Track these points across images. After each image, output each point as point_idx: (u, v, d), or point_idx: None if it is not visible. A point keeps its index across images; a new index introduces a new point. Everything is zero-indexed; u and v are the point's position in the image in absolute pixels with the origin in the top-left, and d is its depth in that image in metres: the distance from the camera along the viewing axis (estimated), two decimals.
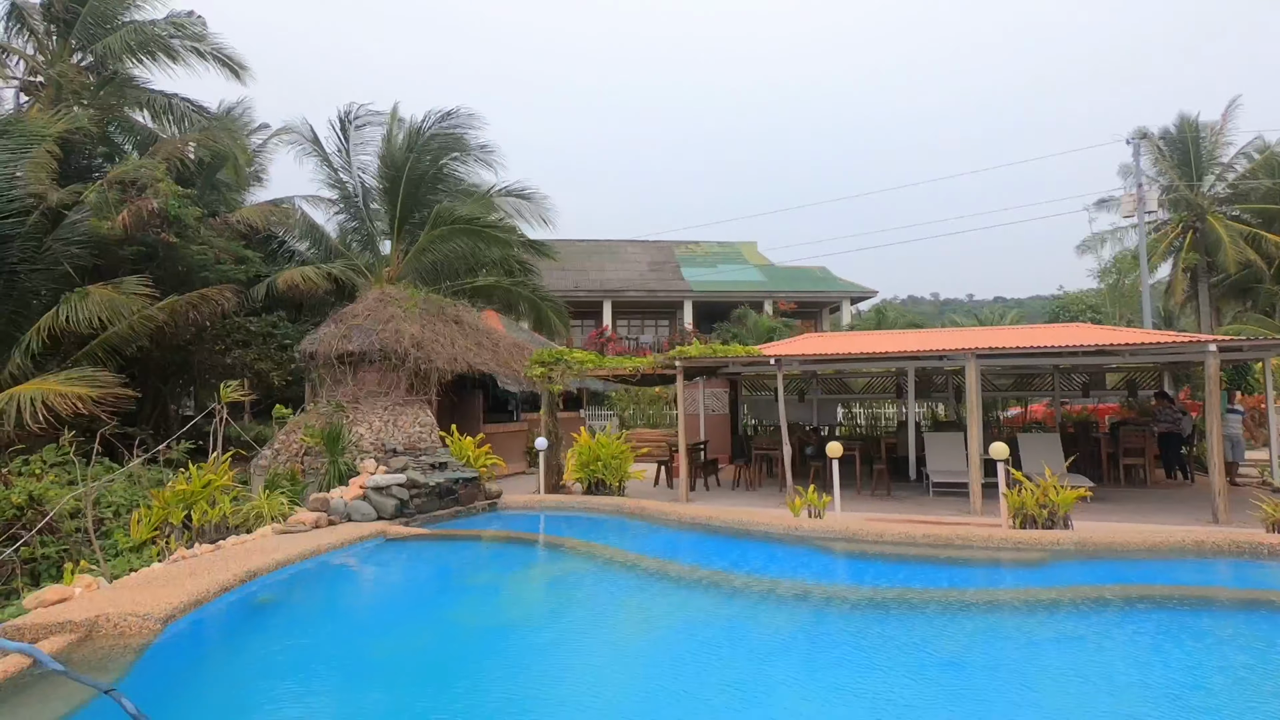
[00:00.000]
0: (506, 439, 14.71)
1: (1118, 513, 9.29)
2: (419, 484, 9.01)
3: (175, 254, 14.02)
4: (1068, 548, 6.94)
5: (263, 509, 7.84)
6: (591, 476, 10.58)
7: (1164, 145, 28.10)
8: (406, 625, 5.60)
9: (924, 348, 10.20)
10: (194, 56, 17.29)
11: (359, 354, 11.31)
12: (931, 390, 17.18)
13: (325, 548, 7.10)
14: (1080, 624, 5.11)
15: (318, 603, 6.14)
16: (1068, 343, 9.75)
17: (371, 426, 10.46)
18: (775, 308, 32.60)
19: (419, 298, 12.72)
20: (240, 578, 5.86)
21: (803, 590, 6.01)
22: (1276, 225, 26.55)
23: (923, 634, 4.96)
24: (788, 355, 10.53)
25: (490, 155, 19.89)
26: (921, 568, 6.70)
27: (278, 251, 18.44)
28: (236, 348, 14.88)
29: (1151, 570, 6.37)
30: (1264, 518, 7.36)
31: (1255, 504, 7.71)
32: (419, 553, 7.77)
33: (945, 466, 11.12)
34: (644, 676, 4.43)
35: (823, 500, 8.55)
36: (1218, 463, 8.54)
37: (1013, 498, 7.82)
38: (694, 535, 8.37)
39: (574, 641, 5.10)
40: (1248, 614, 5.35)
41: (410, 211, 18.69)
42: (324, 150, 18.76)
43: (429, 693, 4.16)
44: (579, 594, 6.36)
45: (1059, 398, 16.17)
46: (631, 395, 22.30)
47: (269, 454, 10.01)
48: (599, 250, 37.03)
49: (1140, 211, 23.38)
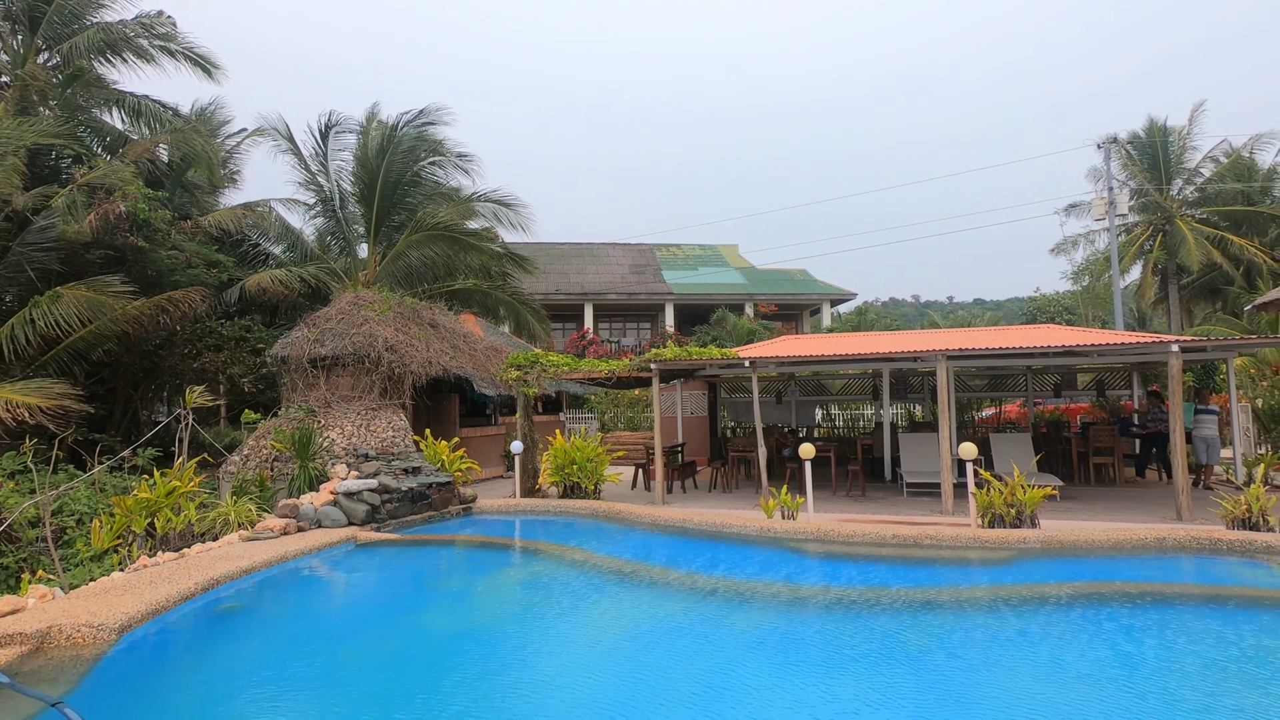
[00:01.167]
0: (484, 442, 14.63)
1: (1086, 511, 9.43)
2: (391, 489, 8.93)
3: (145, 258, 13.79)
4: (1034, 546, 7.04)
5: (230, 516, 7.73)
6: (567, 480, 10.56)
7: (1133, 149, 28.66)
8: (372, 631, 5.53)
9: (897, 349, 10.29)
10: (164, 56, 17.04)
11: (332, 358, 11.20)
12: (908, 391, 17.34)
13: (293, 554, 7.01)
14: (1039, 621, 5.18)
15: (282, 610, 6.05)
16: (1036, 343, 9.89)
17: (343, 431, 10.34)
18: (756, 310, 32.77)
19: (394, 301, 12.62)
20: (202, 586, 5.78)
21: (773, 592, 6.03)
22: (1244, 228, 27.18)
23: (887, 633, 4.99)
24: (762, 357, 10.58)
25: (468, 163, 19.91)
26: (890, 568, 6.75)
27: (251, 255, 18.21)
28: (208, 352, 14.67)
29: (1114, 567, 6.47)
30: (1224, 515, 7.51)
31: (1216, 501, 7.87)
32: (390, 558, 7.70)
33: (919, 467, 11.22)
34: (611, 679, 4.42)
35: (796, 501, 8.59)
36: (1180, 460, 8.70)
37: (981, 497, 7.91)
38: (668, 538, 8.37)
39: (542, 645, 5.07)
40: (1202, 609, 5.44)
41: (387, 214, 18.56)
42: (300, 152, 18.57)
43: (393, 699, 4.11)
44: (549, 598, 6.33)
45: (1032, 398, 16.39)
46: (611, 398, 22.28)
47: (238, 460, 9.87)
48: (580, 253, 36.99)
49: (1111, 215, 23.80)
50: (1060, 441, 13.27)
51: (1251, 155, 28.12)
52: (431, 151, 19.10)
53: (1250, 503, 7.33)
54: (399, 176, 18.24)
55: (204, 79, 17.66)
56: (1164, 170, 28.16)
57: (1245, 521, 7.32)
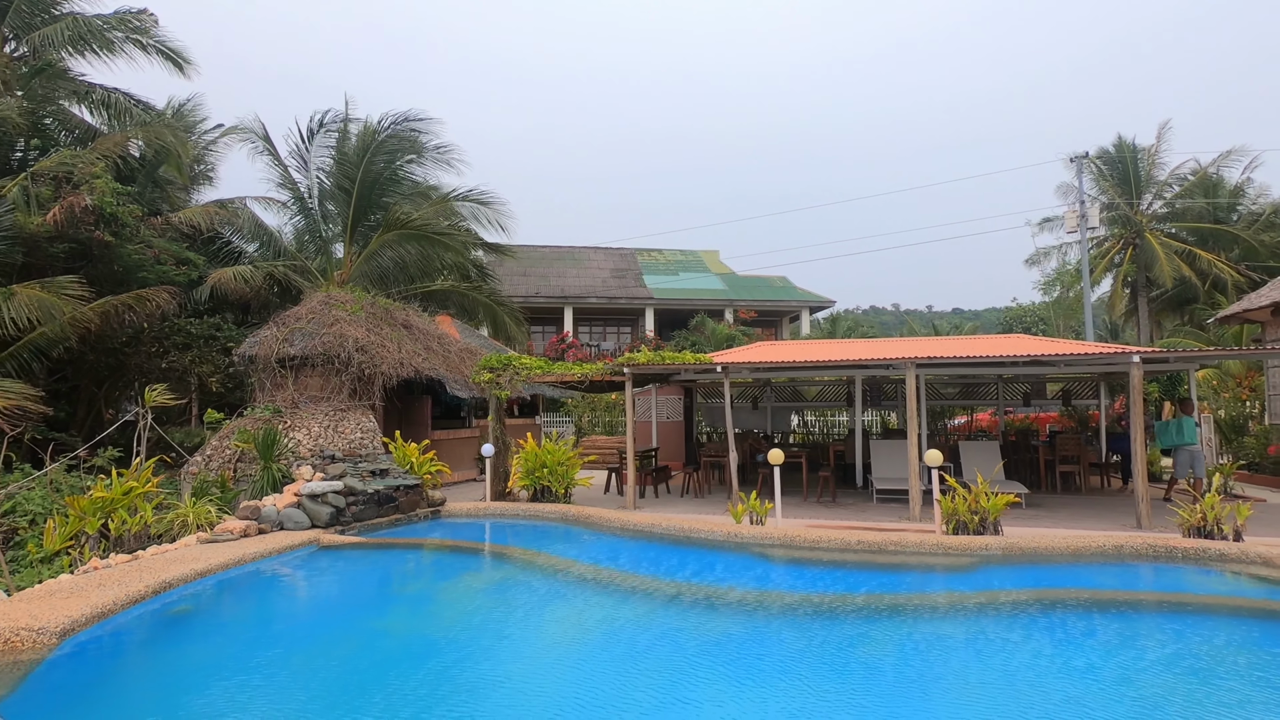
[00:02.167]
0: (457, 445, 14.52)
1: (1050, 518, 9.56)
2: (357, 491, 8.82)
3: (112, 253, 13.51)
4: (995, 552, 7.12)
5: (188, 517, 7.58)
6: (537, 483, 10.50)
7: (1104, 165, 29.27)
8: (328, 636, 5.45)
9: (867, 357, 10.38)
10: (136, 49, 16.76)
11: (301, 357, 11.05)
12: (881, 399, 17.51)
13: (251, 557, 6.89)
14: (994, 627, 5.23)
15: (236, 615, 5.93)
16: (1004, 353, 10.02)
17: (310, 432, 10.20)
18: (736, 316, 32.92)
19: (366, 301, 12.49)
20: (154, 589, 5.65)
21: (735, 597, 6.03)
22: (1210, 243, 27.83)
23: (845, 638, 5.01)
24: (735, 363, 10.62)
25: (448, 155, 19.66)
26: (853, 573, 6.79)
27: (224, 253, 17.92)
28: (176, 351, 14.40)
29: (1072, 574, 6.57)
30: (1180, 523, 7.65)
31: (1173, 510, 8.02)
32: (353, 562, 7.59)
33: (889, 473, 11.31)
34: (566, 682, 4.39)
35: (765, 507, 8.61)
36: (1140, 469, 8.85)
37: (946, 504, 7.99)
38: (637, 543, 8.34)
39: (500, 649, 5.03)
40: (1153, 616, 5.53)
41: (364, 214, 18.39)
42: (276, 150, 18.35)
43: (344, 704, 4.04)
44: (511, 602, 6.28)
45: (1002, 406, 16.62)
46: (588, 402, 22.24)
47: (200, 460, 9.69)
48: (561, 256, 36.92)
49: (1083, 228, 24.26)
50: (1028, 450, 13.45)
51: (1219, 173, 28.86)
52: (412, 151, 18.96)
53: (1205, 511, 7.47)
54: (378, 176, 18.10)
55: (175, 74, 17.40)
56: (1134, 186, 28.78)
57: (1200, 530, 7.46)
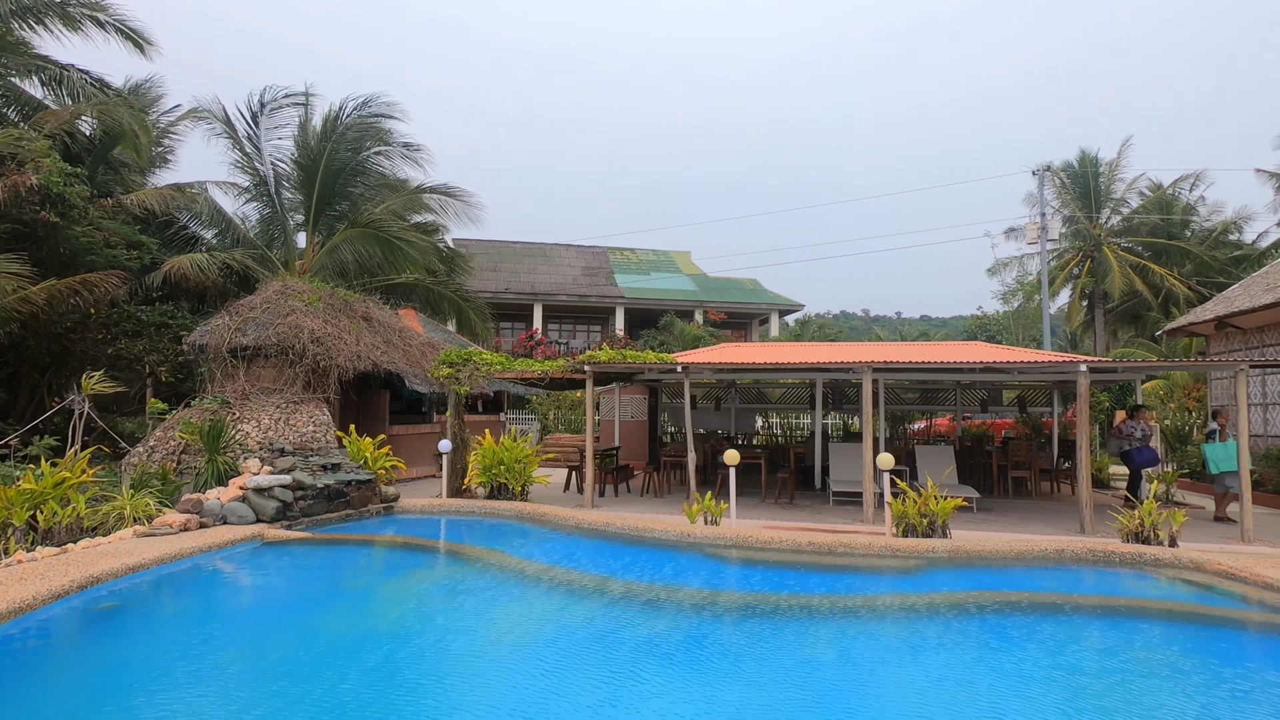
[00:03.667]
0: (417, 440, 14.31)
1: (1000, 522, 9.75)
2: (305, 485, 8.62)
3: (58, 235, 13.03)
4: (941, 555, 7.24)
5: (125, 510, 7.33)
6: (494, 480, 10.39)
7: (1067, 178, 30.04)
8: (261, 634, 5.30)
9: (826, 360, 10.48)
10: (93, 26, 16.18)
11: (254, 348, 10.77)
12: (844, 402, 17.71)
13: (189, 552, 6.69)
14: (931, 628, 5.30)
15: (167, 611, 5.74)
16: (958, 359, 10.20)
17: (260, 424, 9.94)
18: (705, 317, 33.03)
19: (324, 292, 12.24)
20: (80, 584, 5.45)
21: (680, 597, 6.02)
22: (1164, 258, 28.75)
23: (785, 637, 5.03)
24: (696, 363, 10.63)
25: (416, 154, 19.41)
26: (801, 574, 6.83)
27: (180, 238, 17.41)
28: (125, 338, 13.95)
29: (1013, 577, 6.70)
30: (1120, 529, 7.86)
31: (1113, 515, 8.24)
32: (297, 558, 7.41)
33: (846, 476, 11.43)
34: (510, 682, 4.32)
35: (720, 507, 8.64)
36: (1085, 476, 9.08)
37: (897, 507, 8.10)
38: (589, 542, 8.30)
39: (444, 648, 4.94)
40: (1086, 619, 5.66)
41: (328, 203, 18.03)
42: (236, 133, 17.88)
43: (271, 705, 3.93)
44: (458, 600, 6.19)
45: (961, 412, 16.94)
46: (554, 399, 22.12)
47: (143, 451, 9.38)
48: (532, 253, 36.67)
49: (1043, 239, 24.84)
50: (982, 455, 13.72)
51: (1174, 192, 29.83)
52: (378, 140, 18.62)
53: (1143, 517, 7.69)
54: (342, 165, 17.73)
55: (135, 54, 16.85)
56: (1094, 199, 29.61)
57: (1138, 535, 7.67)
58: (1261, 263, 25.98)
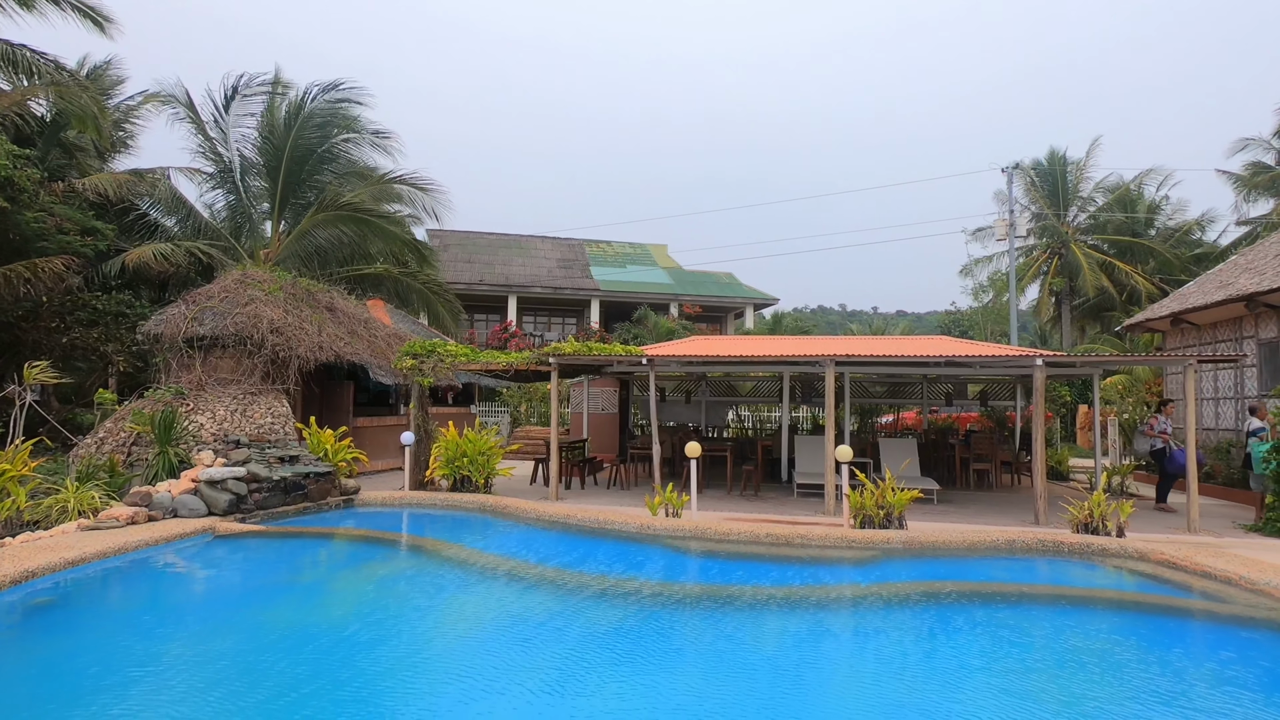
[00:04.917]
0: (382, 433, 14.15)
1: (958, 514, 9.90)
2: (261, 478, 8.48)
3: (7, 220, 12.62)
4: (896, 546, 7.33)
5: (69, 503, 7.14)
6: (457, 473, 10.31)
7: (1036, 176, 30.50)
8: (205, 629, 5.19)
9: (790, 353, 10.53)
10: (48, 3, 15.65)
11: (210, 338, 10.54)
12: (815, 396, 17.85)
13: (135, 545, 6.54)
14: (877, 618, 5.37)
15: (108, 606, 5.61)
16: (920, 353, 10.31)
17: (215, 415, 9.74)
18: (681, 311, 33.07)
19: (286, 281, 12.01)
20: (14, 578, 5.30)
21: (637, 588, 6.02)
22: (1129, 255, 29.35)
23: (735, 629, 5.06)
24: (661, 356, 10.63)
25: (386, 141, 19.13)
26: (756, 566, 6.88)
27: (140, 225, 16.97)
28: (80, 327, 13.59)
29: (964, 567, 6.80)
30: (1071, 519, 8.02)
31: (1064, 506, 8.41)
32: (250, 551, 7.28)
33: (810, 469, 11.53)
34: (459, 673, 4.29)
35: (681, 499, 8.65)
36: (1040, 467, 9.25)
37: (855, 499, 8.18)
38: (550, 534, 8.27)
39: (394, 640, 4.88)
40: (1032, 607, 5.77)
41: (294, 190, 17.70)
42: (199, 118, 17.45)
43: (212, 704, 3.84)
44: (413, 593, 6.13)
45: (927, 406, 17.16)
46: (525, 392, 22.00)
47: (91, 443, 9.14)
48: (507, 244, 36.37)
49: (1011, 237, 25.21)
50: (945, 448, 13.92)
51: (1140, 189, 30.43)
52: (345, 128, 18.31)
53: (1092, 508, 7.86)
54: (309, 151, 17.41)
55: (95, 33, 16.33)
56: (1062, 197, 30.11)
57: (1088, 526, 7.84)
58: (1222, 260, 26.65)
